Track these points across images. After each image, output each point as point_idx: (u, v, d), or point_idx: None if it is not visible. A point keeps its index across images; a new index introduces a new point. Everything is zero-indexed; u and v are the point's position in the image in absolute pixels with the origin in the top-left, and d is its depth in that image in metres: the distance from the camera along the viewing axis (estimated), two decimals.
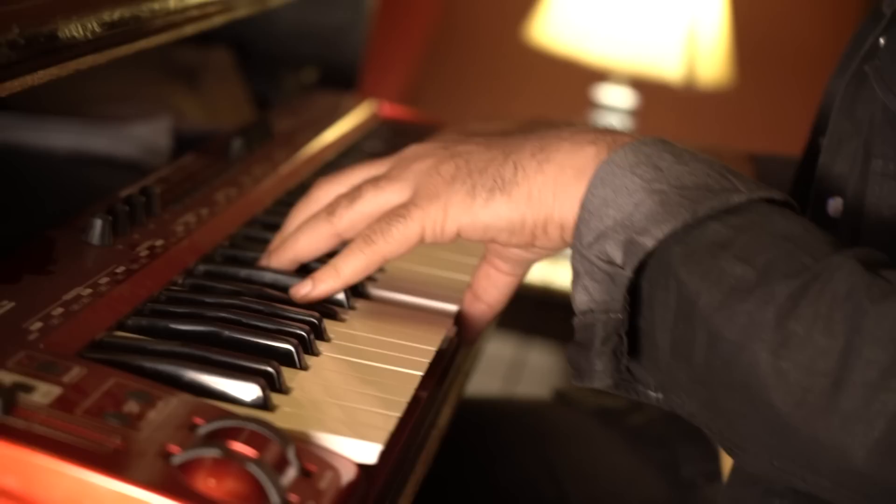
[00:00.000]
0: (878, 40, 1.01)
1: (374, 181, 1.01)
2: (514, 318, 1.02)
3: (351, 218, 1.01)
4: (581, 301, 0.91)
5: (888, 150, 0.97)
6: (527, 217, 0.95)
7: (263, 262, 1.04)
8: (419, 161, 1.00)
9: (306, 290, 1.00)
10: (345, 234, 1.02)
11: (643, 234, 0.87)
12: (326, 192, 1.05)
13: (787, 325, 0.81)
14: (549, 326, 2.59)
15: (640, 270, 0.88)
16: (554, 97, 3.27)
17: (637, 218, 0.88)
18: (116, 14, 1.03)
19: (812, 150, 1.19)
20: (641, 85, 2.96)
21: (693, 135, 3.28)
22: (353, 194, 1.01)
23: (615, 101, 2.94)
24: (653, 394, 0.91)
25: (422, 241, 0.98)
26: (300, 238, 1.03)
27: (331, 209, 1.02)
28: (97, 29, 1.00)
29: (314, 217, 1.03)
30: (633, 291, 0.89)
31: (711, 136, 3.25)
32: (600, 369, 0.90)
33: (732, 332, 0.82)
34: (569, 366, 0.92)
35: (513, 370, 2.67)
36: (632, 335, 0.90)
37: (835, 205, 1.02)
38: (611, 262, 0.88)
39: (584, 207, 0.91)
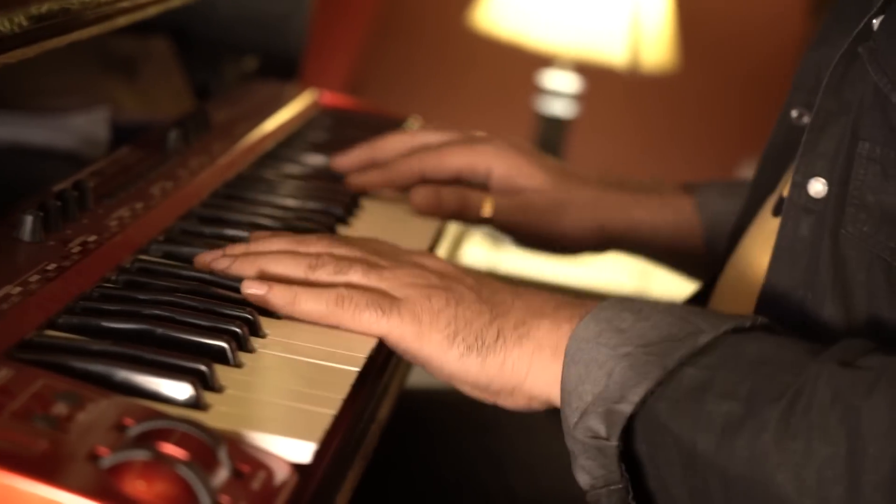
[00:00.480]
0: (871, 21, 1.00)
1: (366, 268, 0.99)
2: None
3: (326, 282, 0.98)
4: (584, 481, 0.91)
5: (876, 134, 0.97)
6: (493, 383, 0.96)
7: (221, 264, 1.01)
8: (417, 278, 0.98)
9: (259, 290, 0.97)
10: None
11: (621, 402, 0.89)
12: (319, 245, 1.02)
13: (787, 445, 0.83)
14: None
15: (630, 436, 0.89)
16: (499, 83, 3.26)
17: (612, 388, 0.89)
18: (45, 7, 1.01)
19: (784, 125, 1.18)
20: (586, 70, 2.96)
21: (638, 119, 3.28)
22: (342, 265, 0.99)
23: (560, 86, 2.93)
24: None
25: (378, 339, 0.97)
26: (271, 264, 0.99)
27: (314, 264, 0.99)
28: (24, 23, 0.99)
29: (295, 257, 1.00)
30: (632, 457, 0.90)
31: (656, 120, 3.25)
32: None
33: (739, 468, 0.84)
34: None
35: None
36: (646, 500, 0.91)
37: (817, 186, 1.01)
38: (597, 437, 0.89)
39: (563, 388, 0.92)
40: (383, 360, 1.02)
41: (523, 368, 0.95)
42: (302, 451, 0.79)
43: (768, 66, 3.13)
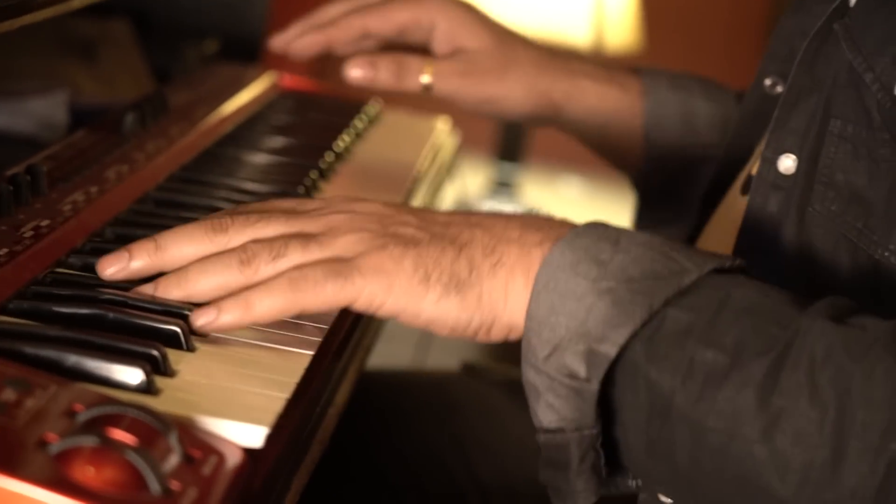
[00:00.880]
0: None
1: (303, 241, 0.90)
2: None
3: (269, 275, 0.89)
4: (548, 420, 0.86)
5: (848, 112, 0.96)
6: (474, 320, 0.89)
7: (141, 290, 0.92)
8: (353, 233, 0.91)
9: (208, 319, 0.89)
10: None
11: (603, 342, 0.84)
12: (238, 231, 0.92)
13: (772, 402, 0.79)
14: None
15: (607, 381, 0.84)
16: None
17: (592, 324, 0.84)
18: None
19: (757, 94, 1.18)
20: None
21: None
22: (277, 248, 0.90)
23: None
24: (631, 482, 0.89)
25: (348, 307, 0.90)
26: (202, 279, 0.90)
27: (246, 258, 0.89)
28: None
29: (222, 259, 0.90)
30: (602, 400, 0.85)
31: None
32: (581, 489, 0.86)
33: (717, 423, 0.81)
34: (548, 488, 0.88)
35: (419, 342, 2.66)
36: (605, 443, 0.86)
37: (787, 162, 1.00)
38: (573, 376, 0.84)
39: (531, 317, 0.86)
40: (340, 342, 1.01)
41: (500, 298, 0.89)
42: (254, 435, 0.78)
43: (733, 47, 3.14)
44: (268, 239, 0.91)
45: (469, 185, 2.87)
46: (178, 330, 0.87)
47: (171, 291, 0.91)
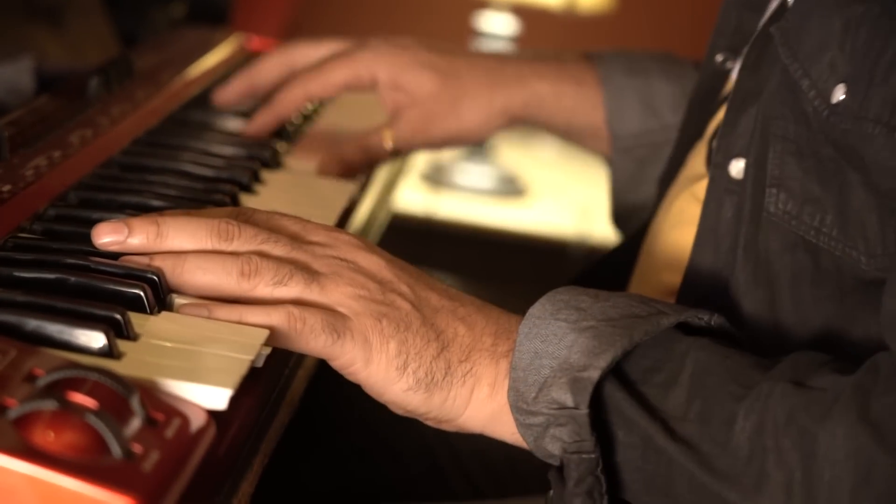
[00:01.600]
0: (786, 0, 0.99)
1: (306, 277, 0.90)
2: (396, 250, 0.98)
3: (264, 298, 0.89)
4: (556, 450, 0.88)
5: (788, 113, 0.95)
6: (430, 414, 0.92)
7: (133, 263, 0.90)
8: (353, 287, 0.91)
9: (201, 314, 0.88)
10: None
11: (586, 370, 0.86)
12: (244, 244, 0.91)
13: (741, 470, 0.82)
14: (432, 256, 2.58)
15: (596, 409, 0.87)
16: (436, 26, 3.24)
17: (574, 358, 0.87)
18: None
19: (709, 69, 1.17)
20: (522, 11, 2.95)
21: None
22: (281, 275, 0.89)
23: (497, 28, 2.92)
24: None
25: (322, 358, 0.91)
26: (197, 274, 0.89)
27: (248, 272, 0.89)
28: None
29: (224, 263, 0.89)
30: (599, 429, 0.88)
31: None
32: None
33: (703, 478, 0.84)
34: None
35: None
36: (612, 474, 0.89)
37: (738, 166, 1.00)
38: (563, 407, 0.87)
39: (515, 367, 0.89)
40: None
41: (462, 406, 0.92)
42: (218, 397, 0.78)
43: (707, 5, 3.13)
44: (274, 259, 0.90)
45: None
46: (141, 293, 0.86)
47: (166, 269, 0.90)
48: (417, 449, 1.31)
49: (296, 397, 0.99)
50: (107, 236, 0.91)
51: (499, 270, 2.76)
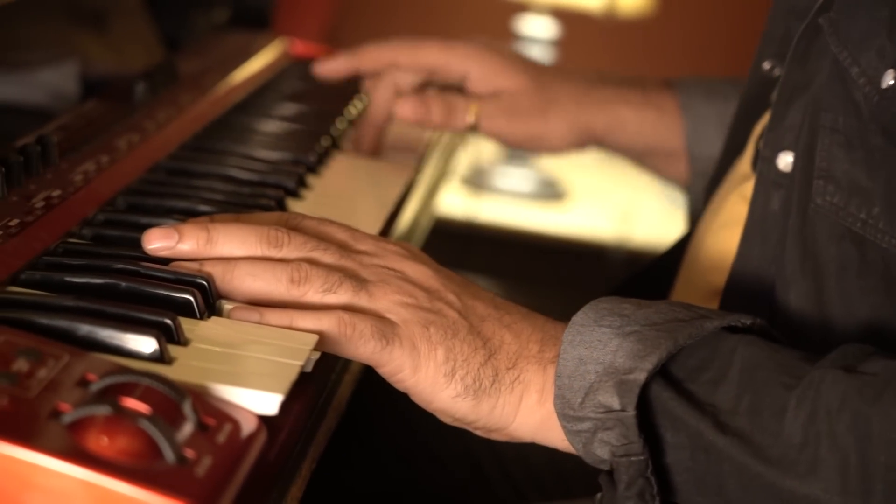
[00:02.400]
0: None
1: (355, 286, 0.91)
2: (437, 254, 0.99)
3: (314, 304, 0.90)
4: (605, 454, 0.88)
5: (837, 105, 0.96)
6: (479, 422, 0.92)
7: (189, 267, 0.91)
8: (401, 295, 0.92)
9: (252, 319, 0.88)
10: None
11: (631, 373, 0.87)
12: (293, 251, 0.92)
13: (795, 457, 0.82)
14: (472, 260, 2.58)
15: (643, 411, 0.87)
16: (475, 30, 3.24)
17: (619, 361, 0.87)
18: None
19: (757, 77, 1.17)
20: (563, 14, 2.94)
21: (615, 64, 3.26)
22: (331, 283, 0.90)
23: (537, 31, 2.91)
24: None
25: (370, 364, 0.91)
26: (247, 280, 0.90)
27: (298, 278, 0.90)
28: None
29: (274, 270, 0.90)
30: (647, 432, 0.88)
31: (633, 65, 3.24)
32: None
33: (756, 467, 0.84)
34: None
35: None
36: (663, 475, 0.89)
37: (786, 159, 1.00)
38: (610, 410, 0.87)
39: (560, 376, 0.89)
40: None
41: (512, 413, 0.92)
42: (269, 402, 0.78)
43: (748, 9, 3.12)
44: (323, 267, 0.91)
45: (482, 150, 2.86)
46: (191, 298, 0.86)
47: (215, 273, 0.90)
48: (461, 454, 1.31)
49: (342, 403, 0.99)
50: (157, 242, 0.91)
51: (538, 274, 2.75)
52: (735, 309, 0.92)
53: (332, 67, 1.36)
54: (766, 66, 1.16)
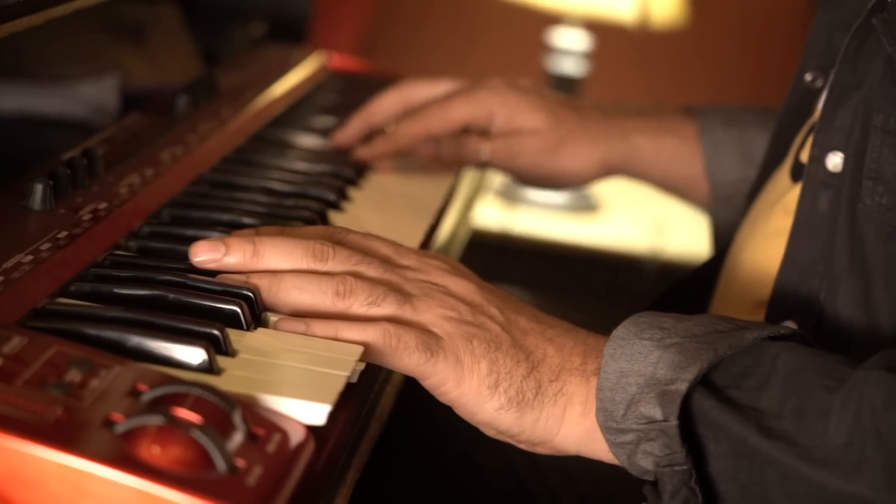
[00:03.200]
0: None
1: (399, 299, 0.92)
2: (473, 266, 1.00)
3: (360, 316, 0.91)
4: (648, 464, 0.89)
5: (890, 105, 0.96)
6: (523, 435, 0.93)
7: (237, 279, 0.93)
8: (445, 309, 0.93)
9: (298, 329, 0.90)
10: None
11: (673, 383, 0.87)
12: (338, 264, 0.93)
13: (841, 456, 0.82)
14: (507, 271, 2.59)
15: (685, 422, 0.88)
16: (508, 42, 3.25)
17: (661, 373, 0.88)
18: None
19: (798, 89, 1.18)
20: (596, 27, 2.95)
21: (648, 76, 3.27)
22: (375, 296, 0.91)
23: (570, 44, 2.92)
24: None
25: (414, 376, 0.92)
26: (293, 293, 0.91)
27: (343, 292, 0.91)
28: None
29: (319, 284, 0.91)
30: (690, 442, 0.88)
31: (667, 77, 3.24)
32: None
33: (798, 470, 0.84)
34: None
35: None
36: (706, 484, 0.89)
37: (834, 160, 1.01)
38: (652, 421, 0.88)
39: (601, 389, 0.90)
40: None
41: (556, 426, 0.93)
42: (317, 413, 0.79)
43: (779, 21, 3.12)
44: (368, 280, 0.92)
45: None
46: (238, 310, 0.87)
47: (262, 285, 0.91)
48: (500, 464, 1.31)
49: (384, 413, 1.00)
50: (204, 254, 0.92)
51: (572, 286, 2.75)
52: (784, 312, 0.93)
53: (372, 152, 1.34)
54: (808, 77, 1.17)
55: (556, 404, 0.92)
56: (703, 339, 0.89)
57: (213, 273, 0.92)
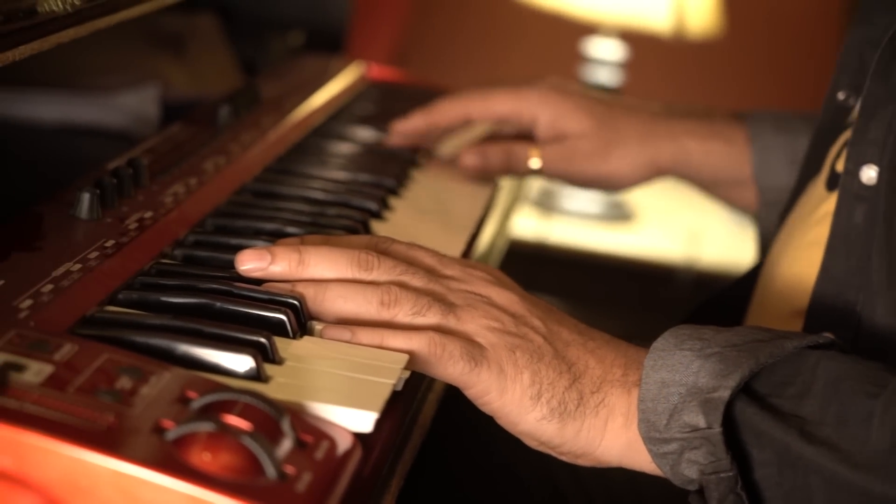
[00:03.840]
0: None
1: (443, 310, 0.93)
2: (509, 275, 1.00)
3: (405, 325, 0.92)
4: (692, 473, 0.89)
5: None
6: (565, 446, 0.94)
7: (283, 287, 0.93)
8: (488, 320, 0.94)
9: (344, 338, 0.90)
10: None
11: (715, 391, 0.88)
12: (383, 274, 0.94)
13: (885, 460, 0.83)
14: (544, 282, 2.59)
15: (730, 429, 0.88)
16: (543, 52, 3.25)
17: (702, 382, 0.88)
18: None
19: (831, 107, 1.18)
20: (630, 37, 2.95)
21: (683, 86, 3.27)
22: (420, 306, 0.92)
23: (605, 54, 2.92)
24: None
25: (457, 386, 0.93)
26: (338, 302, 0.92)
27: (388, 301, 0.92)
28: (76, 2, 0.99)
29: (364, 293, 0.92)
30: (734, 449, 0.89)
31: (702, 87, 3.24)
32: None
33: (841, 474, 0.84)
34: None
35: None
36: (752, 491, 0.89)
37: (869, 173, 1.01)
38: (695, 429, 0.88)
39: (643, 400, 0.91)
40: None
41: (597, 437, 0.93)
42: (364, 420, 0.80)
43: (814, 30, 3.12)
44: (412, 290, 0.93)
45: None
46: (284, 318, 0.88)
47: (307, 294, 0.92)
48: (539, 473, 1.31)
49: (427, 421, 1.00)
50: (250, 262, 0.93)
51: (608, 295, 2.76)
52: (822, 324, 0.93)
53: (408, 127, 1.37)
54: (841, 96, 1.17)
55: (598, 416, 0.93)
56: (743, 348, 0.89)
57: (258, 282, 0.93)
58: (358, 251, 0.94)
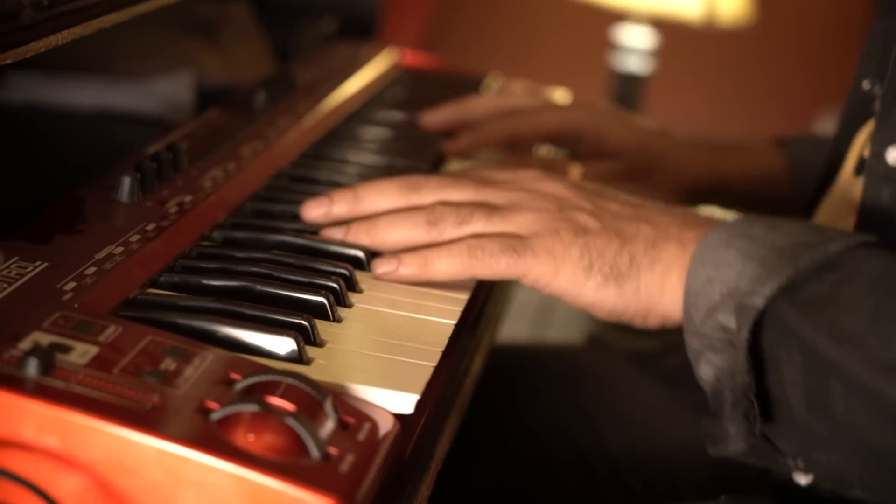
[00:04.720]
0: None
1: (488, 212, 0.98)
2: None
3: (452, 238, 0.98)
4: (707, 375, 0.92)
5: None
6: (630, 309, 0.97)
7: (332, 234, 1.01)
8: (532, 212, 0.98)
9: (389, 268, 0.97)
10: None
11: (751, 296, 0.89)
12: (430, 192, 1.01)
13: None
14: None
15: (757, 333, 0.89)
16: (574, 39, 3.26)
17: (742, 284, 0.90)
18: None
19: (857, 95, 1.19)
20: (661, 24, 2.95)
21: (714, 74, 3.27)
22: (463, 215, 0.98)
23: (635, 41, 2.92)
24: (792, 462, 0.92)
25: (516, 281, 0.98)
26: (390, 231, 0.99)
27: (433, 219, 0.98)
28: None
29: (410, 216, 0.99)
30: (757, 355, 0.90)
31: (731, 75, 3.24)
32: (733, 434, 0.90)
33: (861, 378, 0.84)
34: (704, 435, 0.93)
35: (542, 315, 2.66)
36: (762, 400, 0.90)
37: (894, 154, 1.02)
38: (726, 330, 0.90)
39: (689, 291, 0.93)
40: (476, 315, 1.03)
41: (656, 292, 0.96)
42: (405, 402, 0.80)
43: (845, 17, 3.11)
44: (455, 204, 0.98)
45: None
46: (324, 301, 0.89)
47: (360, 237, 1.00)
48: (573, 456, 1.32)
49: (464, 403, 1.01)
50: (315, 210, 1.01)
51: None
52: None
53: (438, 120, 1.38)
54: (866, 85, 1.17)
55: (653, 271, 0.96)
56: (786, 252, 0.90)
57: (297, 265, 0.94)
58: (406, 176, 1.01)
